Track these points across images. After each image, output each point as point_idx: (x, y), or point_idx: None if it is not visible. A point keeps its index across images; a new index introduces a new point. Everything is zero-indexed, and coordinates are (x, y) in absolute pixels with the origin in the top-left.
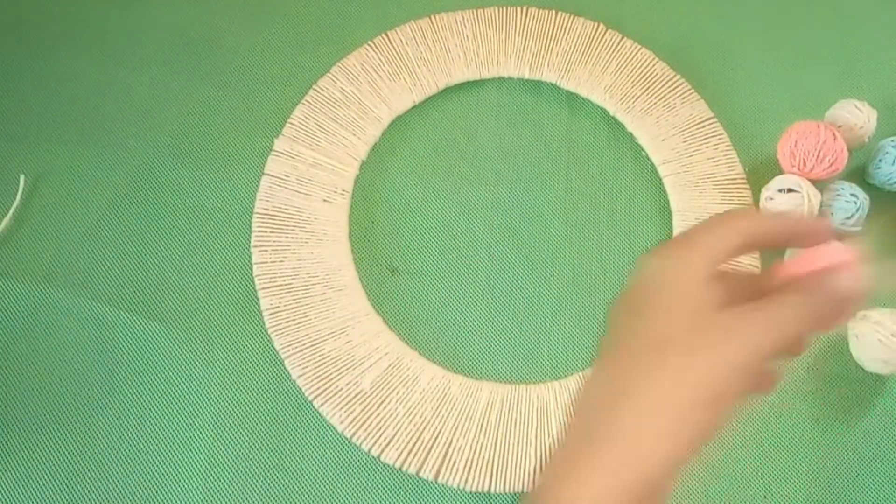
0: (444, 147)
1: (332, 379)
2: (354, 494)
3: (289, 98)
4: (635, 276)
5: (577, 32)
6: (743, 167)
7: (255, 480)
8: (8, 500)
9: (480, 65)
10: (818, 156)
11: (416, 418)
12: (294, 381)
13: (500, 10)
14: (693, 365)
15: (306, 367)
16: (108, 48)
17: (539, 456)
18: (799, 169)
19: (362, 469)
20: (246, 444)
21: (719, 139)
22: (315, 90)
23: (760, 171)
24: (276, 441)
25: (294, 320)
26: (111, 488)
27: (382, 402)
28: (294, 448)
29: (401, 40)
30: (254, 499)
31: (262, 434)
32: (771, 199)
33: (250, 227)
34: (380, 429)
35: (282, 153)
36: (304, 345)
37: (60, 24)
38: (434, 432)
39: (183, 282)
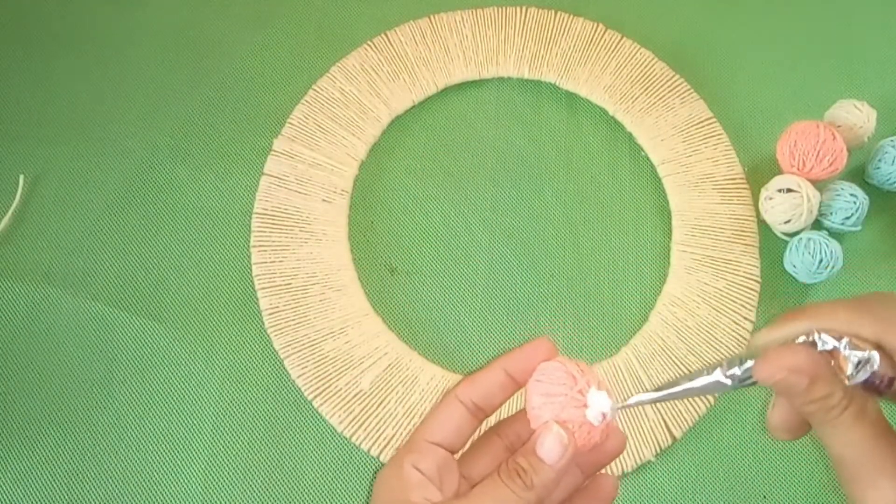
0: (443, 147)
1: (331, 379)
2: (354, 494)
3: (288, 98)
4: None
5: (577, 32)
6: (742, 167)
7: (254, 480)
8: (8, 499)
9: (480, 65)
10: (818, 155)
11: (416, 418)
12: (293, 381)
13: (500, 9)
14: None
15: (306, 366)
16: (107, 48)
17: None
18: (798, 169)
19: (362, 469)
20: (245, 443)
21: (718, 139)
22: (314, 90)
23: (760, 171)
24: (275, 441)
25: (293, 320)
26: (111, 488)
27: (382, 402)
28: (293, 448)
29: (400, 40)
30: (253, 498)
31: (262, 434)
32: (770, 198)
33: (250, 227)
34: (379, 429)
35: (281, 153)
36: (303, 345)
37: (60, 24)
38: None
39: (182, 282)
